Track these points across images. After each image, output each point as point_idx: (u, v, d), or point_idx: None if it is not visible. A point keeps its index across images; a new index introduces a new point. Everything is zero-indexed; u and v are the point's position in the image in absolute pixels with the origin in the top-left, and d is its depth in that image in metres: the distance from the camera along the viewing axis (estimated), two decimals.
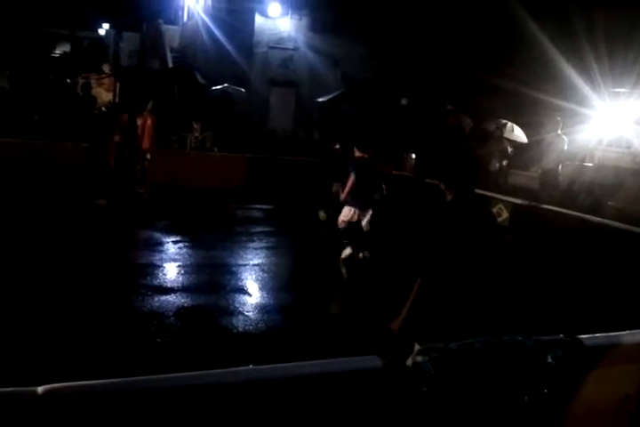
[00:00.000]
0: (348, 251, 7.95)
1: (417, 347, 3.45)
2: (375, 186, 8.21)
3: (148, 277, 7.12)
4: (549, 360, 2.63)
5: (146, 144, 11.85)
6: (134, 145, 11.68)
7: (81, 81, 17.86)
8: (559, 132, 12.48)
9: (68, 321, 5.43)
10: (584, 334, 2.94)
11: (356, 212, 7.99)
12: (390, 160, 11.51)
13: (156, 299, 6.36)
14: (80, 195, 10.56)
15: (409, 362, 2.38)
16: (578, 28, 15.58)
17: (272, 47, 21.64)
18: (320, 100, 21.09)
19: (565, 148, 12.39)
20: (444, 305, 3.32)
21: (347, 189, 8.06)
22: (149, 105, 11.95)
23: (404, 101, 19.63)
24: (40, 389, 2.06)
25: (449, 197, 3.47)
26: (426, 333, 3.35)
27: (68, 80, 18.58)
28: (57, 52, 31.60)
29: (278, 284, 7.43)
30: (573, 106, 14.22)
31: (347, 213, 8.03)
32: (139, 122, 11.74)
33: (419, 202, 9.91)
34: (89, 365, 4.48)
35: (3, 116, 14.54)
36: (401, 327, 3.42)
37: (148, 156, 11.93)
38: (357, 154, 8.18)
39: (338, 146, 11.90)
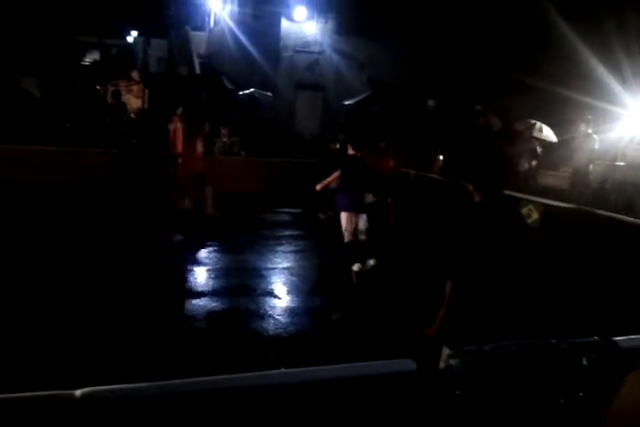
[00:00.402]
0: (357, 266, 7.96)
1: (445, 350, 3.44)
2: (365, 185, 8.24)
3: (178, 280, 7.19)
4: (584, 363, 2.59)
5: (177, 149, 11.93)
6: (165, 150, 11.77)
7: (110, 88, 18.12)
8: (590, 130, 12.31)
9: (102, 324, 5.50)
10: (619, 335, 2.89)
11: (352, 217, 8.02)
12: (394, 157, 11.42)
13: (187, 302, 6.42)
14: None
15: (441, 365, 2.37)
16: (608, 27, 15.36)
17: (298, 51, 21.70)
18: (346, 103, 21.10)
19: (596, 147, 12.22)
20: (474, 307, 3.30)
21: (326, 180, 8.18)
22: (179, 110, 12.03)
23: (430, 103, 19.52)
24: (78, 392, 2.10)
25: (477, 199, 3.44)
26: (455, 335, 3.33)
27: (98, 87, 18.88)
28: (87, 60, 32.14)
29: (308, 287, 7.45)
30: (604, 104, 14.02)
31: (346, 221, 8.04)
32: (170, 127, 11.82)
33: (446, 204, 9.86)
34: (124, 368, 4.54)
35: (35, 123, 14.83)
36: (437, 333, 3.40)
37: (180, 160, 12.03)
38: (350, 152, 8.22)
39: (338, 146, 11.94)
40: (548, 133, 15.16)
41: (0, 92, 16.18)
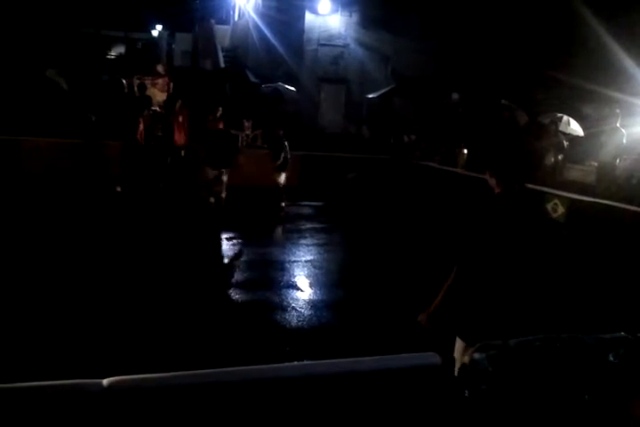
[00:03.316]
0: None
1: (458, 342, 3.42)
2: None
3: (203, 273, 7.24)
4: (611, 359, 2.56)
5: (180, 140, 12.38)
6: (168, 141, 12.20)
7: (136, 81, 18.23)
8: (617, 124, 12.13)
9: (128, 316, 5.57)
10: None
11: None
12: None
13: (210, 294, 6.47)
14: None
15: (466, 359, 2.36)
16: (636, 21, 15.09)
17: (322, 44, 21.63)
18: (370, 96, 21.01)
19: (624, 141, 12.04)
20: (487, 299, 3.27)
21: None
22: (179, 103, 12.62)
23: (455, 96, 19.37)
24: (105, 381, 2.13)
25: (497, 190, 3.41)
26: (469, 327, 3.31)
27: (124, 81, 19.01)
28: (112, 53, 32.39)
29: (330, 280, 7.46)
30: (632, 98, 13.79)
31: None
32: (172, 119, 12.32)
33: (468, 198, 9.80)
34: (149, 358, 4.59)
35: (61, 116, 15.01)
36: (431, 319, 3.37)
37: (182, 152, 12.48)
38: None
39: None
40: (575, 127, 14.95)
41: (28, 84, 16.41)
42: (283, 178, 11.59)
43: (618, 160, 12.18)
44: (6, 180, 11.36)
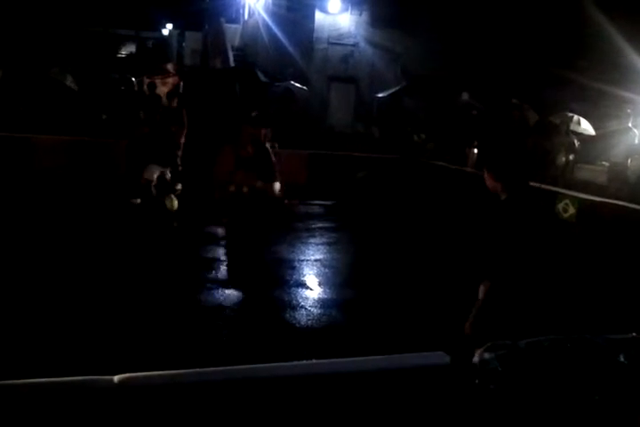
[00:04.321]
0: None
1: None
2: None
3: (213, 272, 7.26)
4: (621, 359, 2.55)
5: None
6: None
7: (146, 80, 18.30)
8: (629, 124, 12.08)
9: (137, 314, 5.59)
10: None
11: None
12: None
13: (221, 293, 6.48)
14: None
15: (476, 359, 2.36)
16: None
17: (332, 43, 21.61)
18: (380, 95, 20.99)
19: (636, 141, 11.99)
20: (509, 305, 3.27)
21: None
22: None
23: (465, 96, 19.32)
24: (116, 378, 2.15)
25: (503, 196, 3.41)
26: (492, 333, 3.30)
27: (134, 80, 19.08)
28: (122, 52, 32.52)
29: (339, 279, 7.45)
30: None
31: None
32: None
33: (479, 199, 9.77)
34: (159, 356, 4.61)
35: (72, 115, 15.09)
36: (473, 329, 3.37)
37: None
38: None
39: None
40: (585, 127, 14.88)
41: (37, 82, 16.51)
42: (277, 189, 10.10)
43: (629, 160, 12.13)
44: (18, 177, 11.43)
